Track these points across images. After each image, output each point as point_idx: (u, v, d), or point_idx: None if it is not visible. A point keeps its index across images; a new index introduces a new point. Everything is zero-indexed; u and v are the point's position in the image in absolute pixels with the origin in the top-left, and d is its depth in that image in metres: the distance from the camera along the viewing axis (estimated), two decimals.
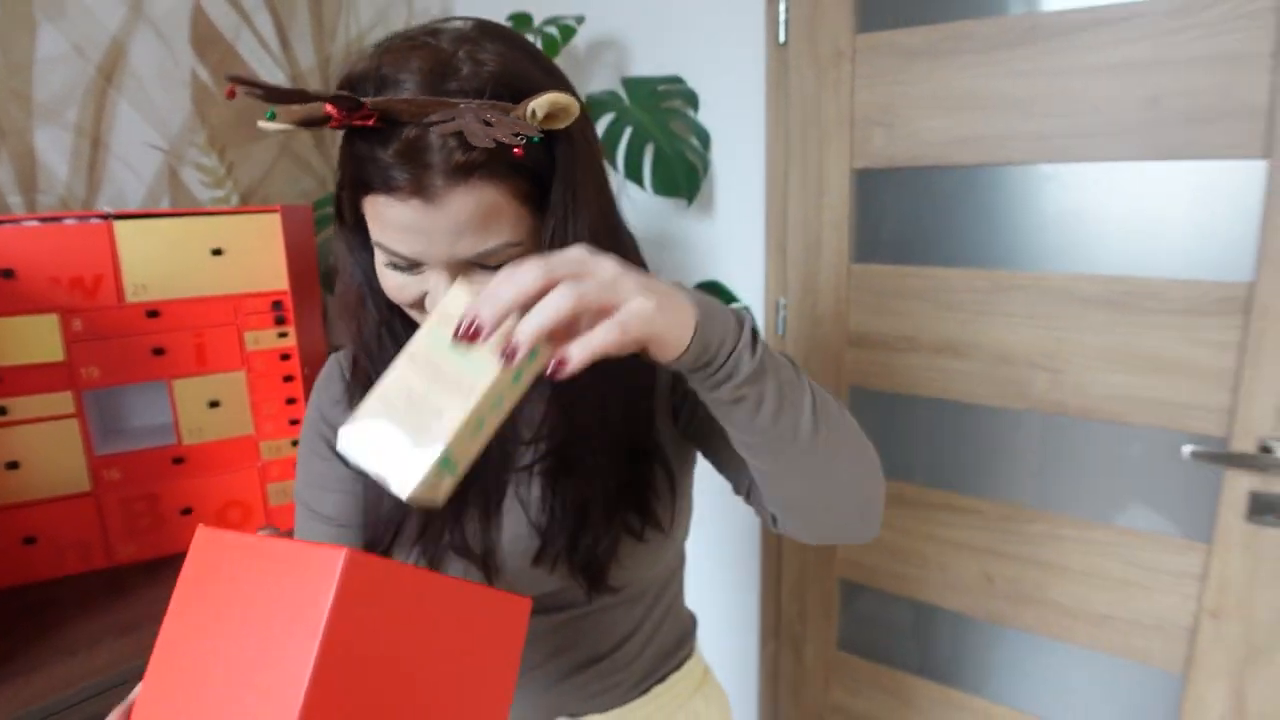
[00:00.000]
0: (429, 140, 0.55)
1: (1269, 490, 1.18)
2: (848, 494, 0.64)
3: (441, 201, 0.56)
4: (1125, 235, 1.26)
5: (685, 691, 0.87)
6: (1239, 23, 1.11)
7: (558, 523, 0.71)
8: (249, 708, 0.43)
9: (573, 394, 0.67)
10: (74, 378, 1.16)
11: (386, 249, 0.61)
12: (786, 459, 0.59)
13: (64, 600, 1.14)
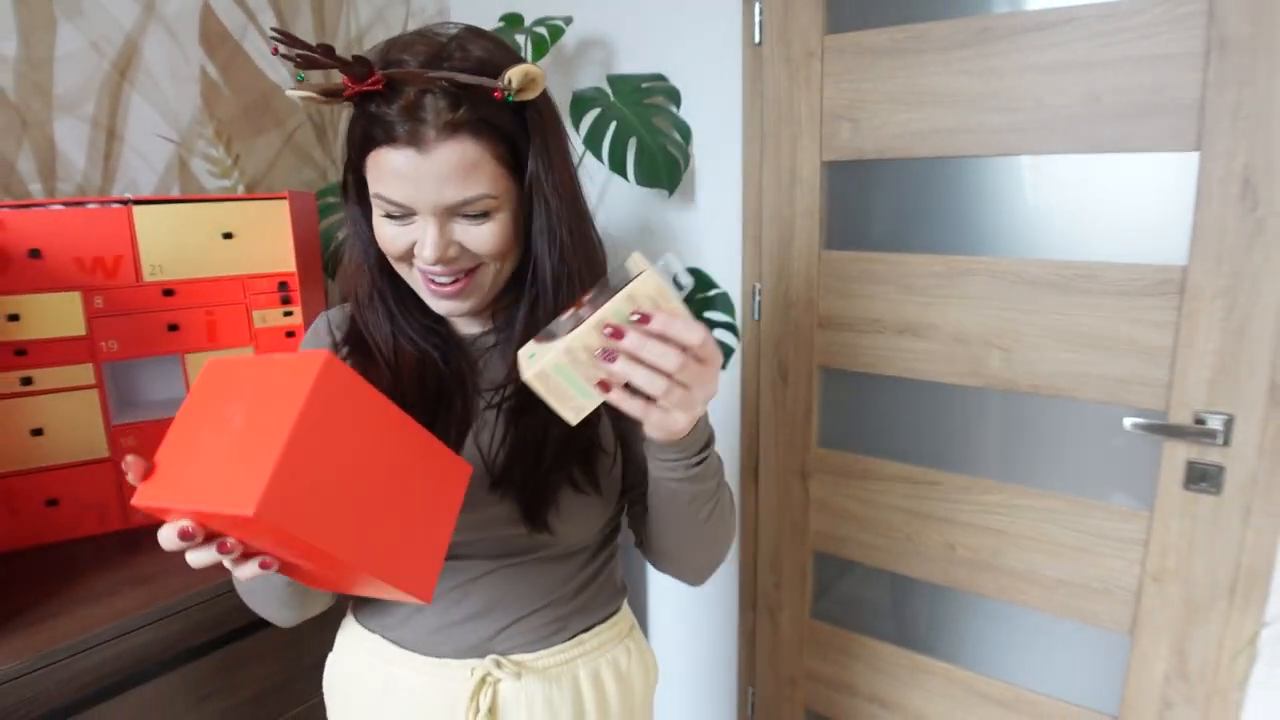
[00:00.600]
0: (425, 101, 0.67)
1: (1204, 460, 1.27)
2: (701, 561, 0.86)
3: (432, 151, 0.68)
4: (1070, 222, 1.35)
5: (609, 641, 0.93)
6: (1169, 25, 1.20)
7: (513, 459, 0.79)
8: (238, 464, 0.53)
9: None
10: (94, 351, 1.25)
11: (384, 198, 0.71)
12: (680, 527, 0.78)
13: (84, 557, 1.22)
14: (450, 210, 0.71)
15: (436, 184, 0.69)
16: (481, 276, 0.76)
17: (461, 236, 0.73)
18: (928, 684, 1.64)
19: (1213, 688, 1.32)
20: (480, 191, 0.71)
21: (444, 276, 0.75)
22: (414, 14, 1.98)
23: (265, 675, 1.21)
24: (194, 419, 0.58)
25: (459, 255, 0.74)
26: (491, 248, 0.74)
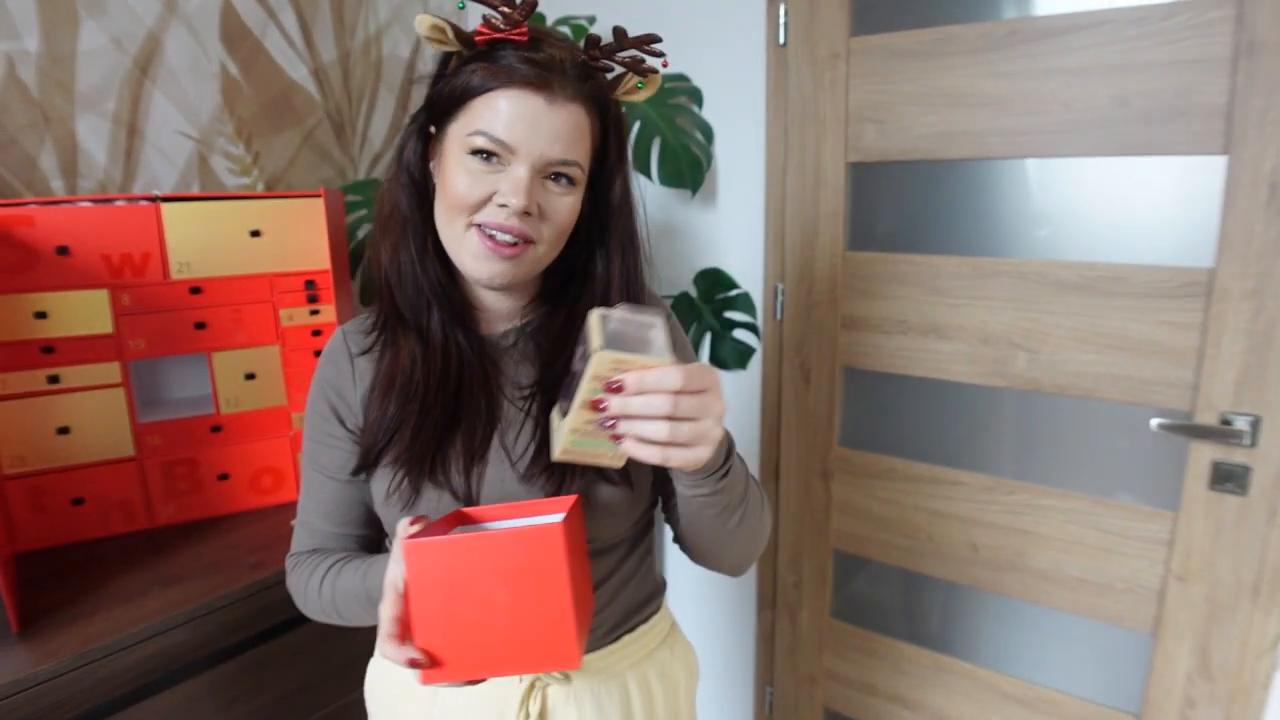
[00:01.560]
0: (565, 63, 0.74)
1: (1230, 460, 1.28)
2: (738, 559, 0.85)
3: (558, 106, 0.73)
4: (1097, 225, 1.36)
5: (653, 642, 0.94)
6: (1198, 30, 1.21)
7: (539, 460, 0.79)
8: (534, 629, 0.63)
9: (558, 357, 0.82)
10: (122, 349, 1.24)
11: (488, 135, 0.73)
12: (713, 534, 0.78)
13: (111, 556, 1.22)
14: (547, 166, 0.75)
15: (550, 136, 0.73)
16: (532, 253, 0.78)
17: (543, 199, 0.76)
18: (949, 683, 1.64)
19: (1236, 687, 1.33)
20: (578, 158, 0.76)
21: (508, 235, 0.75)
22: (431, 11, 1.96)
23: (294, 676, 1.20)
24: (441, 603, 0.63)
25: (536, 215, 0.76)
26: (561, 220, 0.78)
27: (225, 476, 1.33)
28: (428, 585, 0.63)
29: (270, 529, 1.29)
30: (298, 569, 0.90)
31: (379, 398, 0.83)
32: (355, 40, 1.82)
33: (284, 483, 1.38)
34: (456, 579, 0.63)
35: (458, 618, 0.63)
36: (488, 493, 0.81)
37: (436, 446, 0.81)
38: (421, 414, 0.81)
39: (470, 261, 0.77)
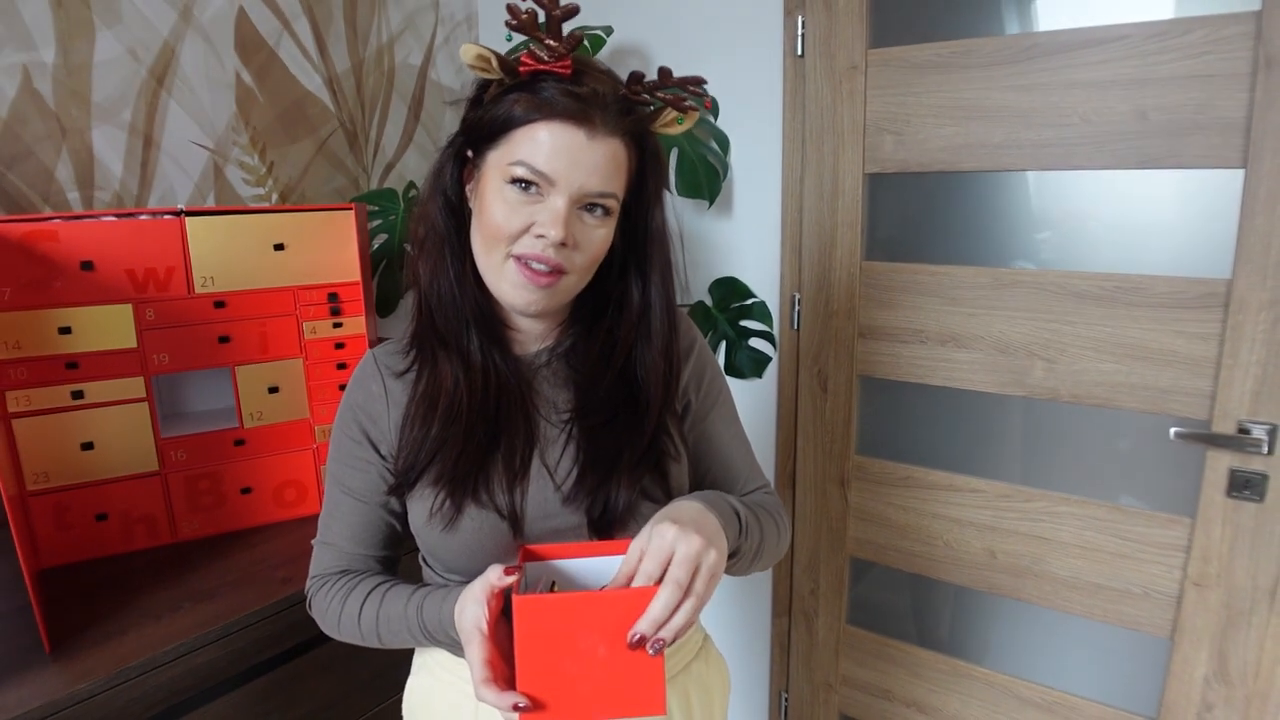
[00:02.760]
0: (606, 97, 0.75)
1: (1247, 468, 1.30)
2: (757, 568, 0.88)
3: (598, 140, 0.75)
4: (1115, 236, 1.38)
5: (689, 655, 0.94)
6: (1216, 45, 1.23)
7: (584, 475, 0.82)
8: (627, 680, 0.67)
9: (595, 381, 0.85)
10: (146, 363, 1.23)
11: (528, 165, 0.75)
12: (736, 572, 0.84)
13: (137, 572, 1.21)
14: (584, 198, 0.76)
15: (589, 169, 0.75)
16: (565, 283, 0.79)
17: (577, 230, 0.77)
18: (966, 688, 1.66)
19: (1253, 691, 1.35)
20: (614, 190, 0.78)
21: (544, 265, 0.77)
22: (443, 20, 1.97)
23: (325, 690, 1.19)
24: (546, 654, 0.67)
25: (572, 247, 0.77)
26: (594, 251, 0.79)
27: (248, 490, 1.33)
28: (535, 638, 0.66)
29: (295, 543, 1.28)
30: (326, 590, 0.89)
31: (419, 419, 0.84)
32: (368, 49, 1.82)
33: (307, 496, 1.37)
34: (562, 634, 0.67)
35: (559, 668, 0.67)
36: (531, 511, 0.82)
37: (479, 466, 0.81)
38: (465, 434, 0.82)
39: (509, 290, 0.79)
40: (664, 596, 0.64)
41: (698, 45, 1.67)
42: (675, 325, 0.88)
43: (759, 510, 0.87)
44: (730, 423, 0.95)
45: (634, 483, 0.82)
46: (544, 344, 0.89)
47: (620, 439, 0.83)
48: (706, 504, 0.75)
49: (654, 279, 0.86)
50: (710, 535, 0.70)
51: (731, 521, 0.77)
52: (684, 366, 0.90)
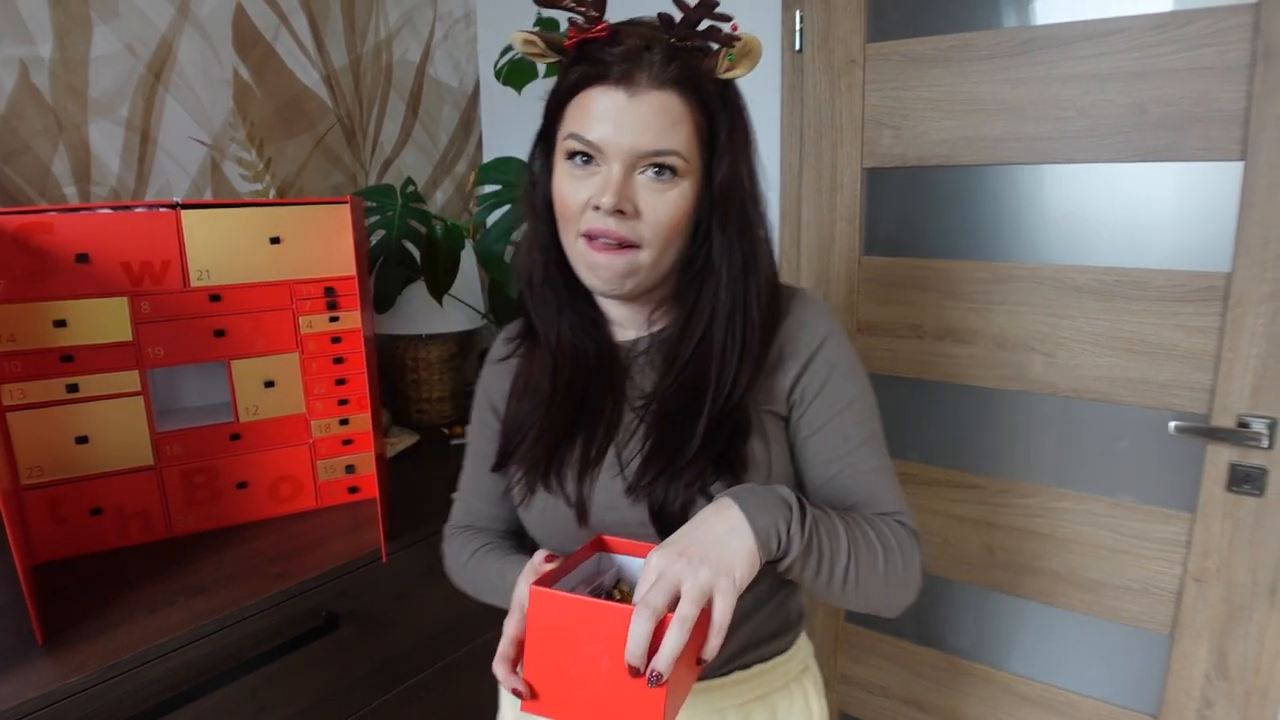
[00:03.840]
0: (644, 52, 0.72)
1: (1246, 462, 1.30)
2: (870, 605, 0.77)
3: (640, 98, 0.72)
4: (1114, 230, 1.37)
5: (769, 685, 0.87)
6: (1215, 37, 1.23)
7: (647, 464, 0.78)
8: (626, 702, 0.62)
9: (673, 365, 0.81)
10: (141, 357, 1.23)
11: (578, 137, 0.73)
12: (818, 593, 0.74)
13: (131, 566, 1.20)
14: (641, 160, 0.73)
15: (636, 129, 0.72)
16: (640, 259, 0.76)
17: (641, 198, 0.74)
18: (965, 685, 1.65)
19: (1253, 687, 1.34)
20: (674, 146, 0.73)
21: (609, 237, 0.74)
22: (440, 17, 1.97)
23: (320, 685, 1.19)
24: (551, 649, 0.65)
25: (632, 215, 0.74)
26: (662, 218, 0.74)
27: (244, 485, 1.32)
28: (543, 629, 0.65)
29: (290, 538, 1.28)
30: (452, 540, 0.98)
31: (514, 401, 0.89)
32: (366, 45, 1.82)
33: (302, 491, 1.37)
34: (568, 633, 0.64)
35: (563, 665, 0.64)
36: (598, 501, 0.81)
37: (554, 453, 0.83)
38: (546, 420, 0.84)
39: (585, 272, 0.78)
40: (636, 624, 0.59)
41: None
42: (757, 301, 0.79)
43: (857, 524, 0.74)
44: (852, 440, 0.80)
45: (694, 479, 0.76)
46: (642, 331, 0.85)
47: (684, 431, 0.78)
48: (739, 503, 0.67)
49: (721, 243, 0.78)
50: (703, 552, 0.63)
51: (780, 518, 0.68)
52: (791, 360, 0.80)
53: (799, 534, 0.68)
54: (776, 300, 0.82)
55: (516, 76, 1.59)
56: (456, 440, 1.69)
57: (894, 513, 0.79)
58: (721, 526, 0.66)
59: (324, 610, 1.17)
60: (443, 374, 1.79)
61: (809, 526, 0.69)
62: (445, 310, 1.70)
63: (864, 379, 0.83)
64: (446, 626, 1.36)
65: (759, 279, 0.79)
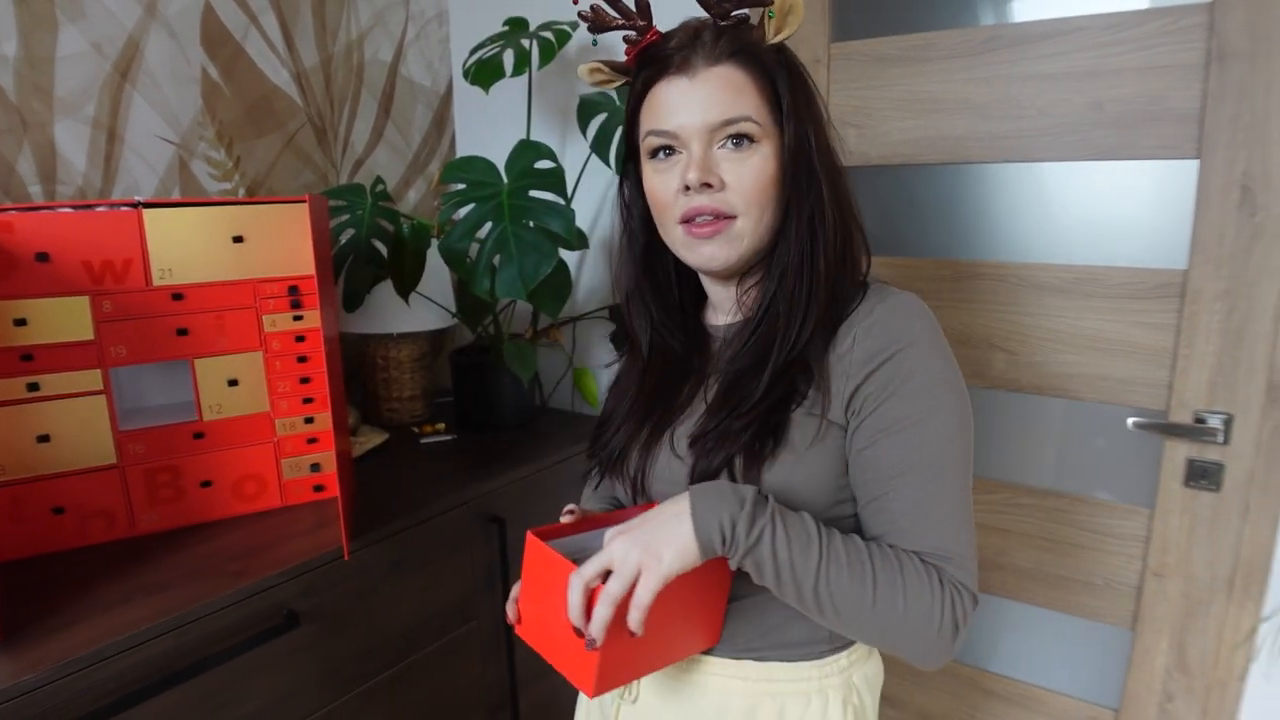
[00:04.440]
0: (695, 40, 0.77)
1: (1203, 458, 1.31)
2: (869, 640, 0.76)
3: (701, 77, 0.76)
4: (1074, 228, 1.38)
5: (780, 686, 0.84)
6: (1170, 37, 1.24)
7: (691, 451, 0.81)
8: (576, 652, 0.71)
9: (753, 332, 0.83)
10: (103, 356, 1.23)
11: (655, 131, 0.79)
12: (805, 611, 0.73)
13: (92, 566, 1.20)
14: (715, 131, 0.76)
15: (704, 105, 0.76)
16: (737, 228, 0.78)
17: (725, 169, 0.77)
18: (931, 681, 1.66)
19: (1212, 680, 1.35)
20: (744, 113, 0.76)
21: (704, 215, 0.78)
22: (413, 17, 1.97)
23: (280, 683, 1.19)
24: (534, 589, 0.77)
25: (720, 188, 0.77)
26: (748, 184, 0.77)
27: (208, 484, 1.32)
28: (530, 571, 0.77)
29: (253, 535, 1.28)
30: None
31: (610, 401, 0.97)
32: (337, 45, 1.82)
33: (267, 489, 1.37)
34: (544, 580, 0.74)
35: (540, 605, 0.75)
36: (657, 475, 0.86)
37: (627, 442, 0.89)
38: (627, 413, 0.91)
39: (686, 255, 0.82)
40: (570, 588, 0.68)
41: None
42: (824, 254, 0.78)
43: (852, 547, 0.71)
44: (907, 463, 0.73)
45: (726, 461, 0.77)
46: (736, 316, 0.87)
47: (750, 385, 0.79)
48: (693, 495, 0.71)
49: (794, 201, 0.79)
50: (644, 536, 0.68)
51: (727, 514, 0.69)
52: (858, 365, 0.75)
53: (745, 534, 0.68)
54: (851, 261, 0.82)
55: (484, 75, 1.60)
56: (427, 439, 1.70)
57: (934, 555, 0.72)
58: (669, 513, 0.70)
59: (285, 608, 1.18)
60: (414, 373, 1.79)
61: (760, 529, 0.68)
62: (416, 309, 1.71)
63: (949, 405, 0.75)
64: (413, 624, 1.37)
65: (826, 234, 0.79)
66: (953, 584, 0.72)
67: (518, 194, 1.47)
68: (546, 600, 0.73)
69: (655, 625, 0.70)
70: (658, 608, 0.68)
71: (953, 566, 0.73)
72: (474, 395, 1.74)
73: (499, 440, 1.70)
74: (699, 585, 0.76)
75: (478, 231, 1.47)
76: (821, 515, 0.75)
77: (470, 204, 1.47)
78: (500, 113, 1.96)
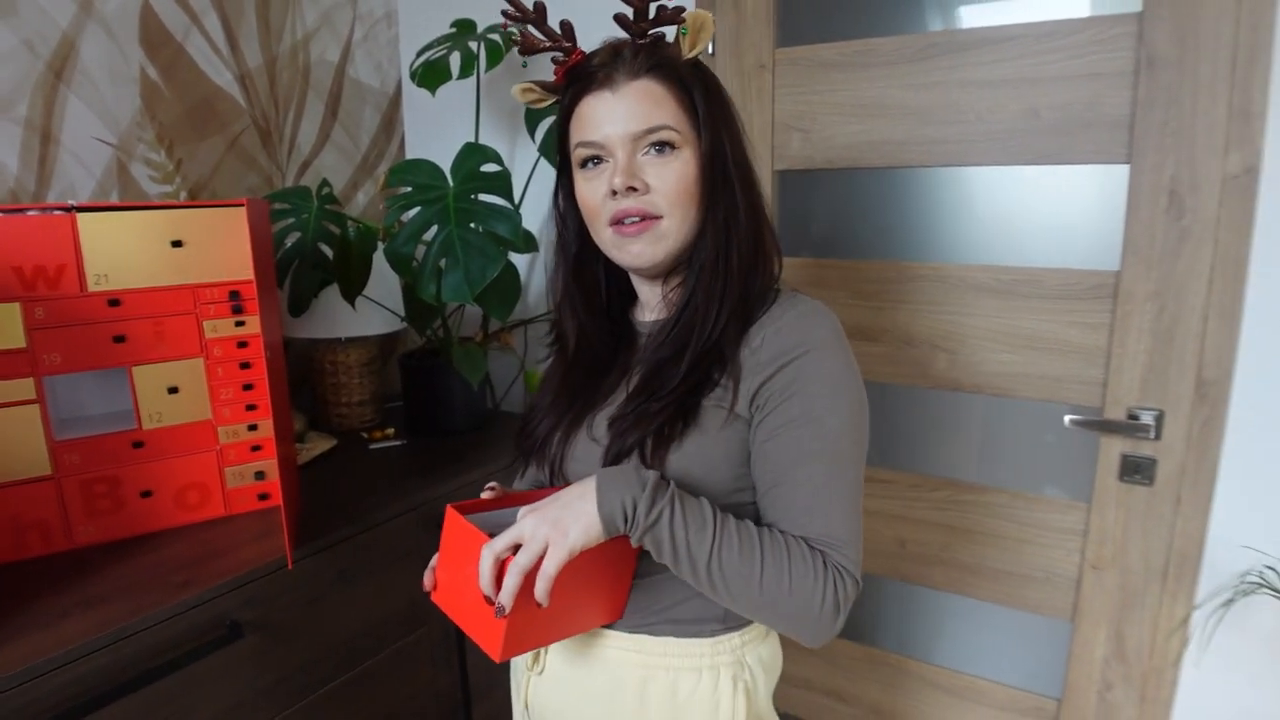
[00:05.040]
0: (616, 57, 0.83)
1: (1137, 453, 1.35)
2: (759, 617, 0.81)
3: (623, 90, 0.82)
4: (1011, 230, 1.42)
5: (673, 661, 0.88)
6: (1102, 45, 1.28)
7: (607, 437, 0.87)
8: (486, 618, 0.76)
9: (673, 324, 0.88)
10: (36, 364, 1.20)
11: (583, 143, 0.85)
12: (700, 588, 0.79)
13: (28, 580, 1.17)
14: (638, 139, 0.82)
15: (626, 116, 0.82)
16: (663, 227, 0.84)
17: (648, 173, 0.83)
18: (882, 675, 1.69)
19: (1149, 667, 1.40)
20: (664, 121, 0.82)
21: (631, 216, 0.83)
22: (361, 17, 1.95)
23: (226, 694, 1.17)
24: (450, 558, 0.84)
25: (645, 191, 0.83)
26: (671, 186, 0.83)
27: (148, 494, 1.30)
28: (447, 541, 0.83)
29: (197, 545, 1.26)
30: None
31: (537, 395, 1.01)
32: (282, 45, 1.79)
33: (210, 498, 1.34)
34: (459, 550, 0.81)
35: (455, 573, 0.81)
36: (576, 457, 0.91)
37: (549, 432, 0.94)
38: (549, 406, 0.96)
39: (616, 254, 0.88)
40: (481, 560, 0.74)
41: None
42: (736, 251, 0.85)
43: (745, 532, 0.77)
44: (802, 457, 0.80)
45: (638, 442, 0.83)
46: (662, 313, 0.92)
47: (671, 371, 0.85)
48: (599, 477, 0.77)
49: (711, 203, 0.85)
50: (552, 513, 0.75)
51: (629, 496, 0.75)
52: (765, 364, 0.81)
53: (645, 513, 0.75)
54: (763, 259, 0.88)
55: (430, 78, 1.59)
56: (376, 445, 1.68)
57: (822, 541, 0.78)
58: (577, 493, 0.77)
59: (228, 619, 1.16)
60: (362, 377, 1.77)
61: (659, 510, 0.75)
62: (364, 313, 1.69)
63: (845, 405, 0.81)
64: (361, 633, 1.35)
65: (739, 234, 0.86)
66: (836, 568, 0.77)
67: (463, 197, 1.46)
68: (461, 570, 0.79)
69: (560, 597, 0.75)
70: (563, 581, 0.74)
71: (837, 552, 0.78)
72: (424, 400, 1.73)
73: (450, 445, 1.69)
74: (603, 562, 0.81)
75: (424, 235, 1.45)
76: (721, 501, 0.81)
77: (416, 207, 1.46)
78: (450, 115, 1.95)
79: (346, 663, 1.33)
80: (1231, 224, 1.22)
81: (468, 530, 0.79)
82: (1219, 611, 1.31)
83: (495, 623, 0.74)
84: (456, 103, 1.90)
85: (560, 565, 0.73)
